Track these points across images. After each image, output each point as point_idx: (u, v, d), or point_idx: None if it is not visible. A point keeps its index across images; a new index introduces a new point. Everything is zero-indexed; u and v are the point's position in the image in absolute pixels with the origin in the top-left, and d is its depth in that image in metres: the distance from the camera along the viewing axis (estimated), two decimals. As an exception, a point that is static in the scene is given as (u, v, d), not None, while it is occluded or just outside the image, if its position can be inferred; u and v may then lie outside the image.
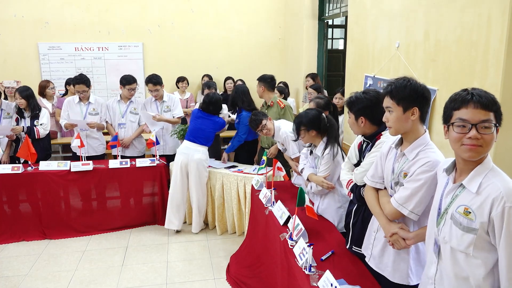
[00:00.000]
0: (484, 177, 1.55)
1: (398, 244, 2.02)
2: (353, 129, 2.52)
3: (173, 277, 3.66)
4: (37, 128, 4.66)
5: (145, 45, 7.23)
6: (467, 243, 1.57)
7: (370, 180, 2.22)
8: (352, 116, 2.44)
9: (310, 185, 3.10)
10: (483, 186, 1.54)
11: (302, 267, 2.28)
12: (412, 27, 3.27)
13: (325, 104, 3.45)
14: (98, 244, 4.30)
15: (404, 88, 1.92)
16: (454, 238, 1.62)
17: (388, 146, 2.14)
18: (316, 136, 3.03)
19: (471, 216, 1.56)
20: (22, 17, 6.72)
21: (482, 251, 1.56)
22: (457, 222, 1.60)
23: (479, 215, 1.53)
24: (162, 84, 4.89)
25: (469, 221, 1.56)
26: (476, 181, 1.56)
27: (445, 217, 1.66)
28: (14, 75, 6.56)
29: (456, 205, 1.62)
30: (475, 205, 1.55)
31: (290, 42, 7.38)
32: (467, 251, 1.58)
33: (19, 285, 3.56)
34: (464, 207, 1.58)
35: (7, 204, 4.38)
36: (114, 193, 4.60)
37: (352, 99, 2.44)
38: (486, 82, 2.48)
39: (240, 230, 4.40)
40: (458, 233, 1.60)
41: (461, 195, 1.61)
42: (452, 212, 1.63)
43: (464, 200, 1.59)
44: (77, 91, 4.66)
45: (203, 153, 4.38)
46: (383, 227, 2.10)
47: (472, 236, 1.55)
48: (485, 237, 1.54)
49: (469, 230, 1.56)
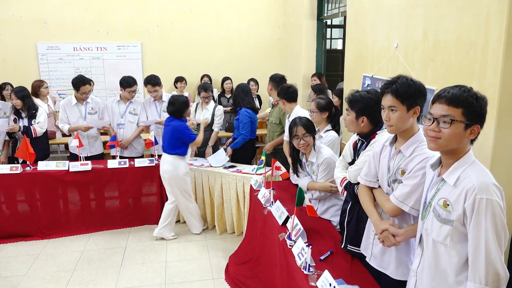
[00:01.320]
0: (463, 171, 1.61)
1: (388, 241, 2.04)
2: (350, 127, 2.49)
3: (172, 277, 3.66)
4: (33, 127, 4.65)
5: (144, 45, 7.22)
6: (445, 235, 1.64)
7: (364, 179, 2.23)
8: (353, 114, 2.42)
9: (311, 193, 3.11)
10: (461, 179, 1.60)
11: (301, 267, 2.28)
12: (411, 27, 3.28)
13: (326, 104, 3.41)
14: (97, 244, 4.29)
15: (409, 87, 1.92)
16: (434, 230, 1.68)
17: (381, 145, 2.15)
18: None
19: (449, 208, 1.62)
20: (20, 17, 6.71)
21: (458, 242, 1.61)
22: (437, 214, 1.67)
23: (456, 207, 1.59)
24: (161, 85, 4.90)
25: (447, 213, 1.63)
26: (454, 174, 1.63)
27: (429, 209, 1.72)
28: (13, 75, 6.55)
29: (437, 198, 1.68)
30: (453, 197, 1.61)
31: (289, 42, 7.38)
32: (445, 242, 1.64)
33: (18, 285, 3.55)
34: (443, 199, 1.65)
35: (5, 204, 4.38)
36: (113, 193, 4.60)
37: (356, 97, 2.41)
38: (485, 82, 2.49)
39: (239, 230, 4.40)
40: (437, 224, 1.66)
41: (442, 189, 1.68)
42: (434, 204, 1.69)
43: (444, 193, 1.66)
44: (84, 92, 4.64)
45: (170, 163, 4.20)
46: (374, 224, 2.12)
47: (449, 228, 1.62)
48: (461, 228, 1.60)
49: (446, 221, 1.63)
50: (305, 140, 3.03)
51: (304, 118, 3.16)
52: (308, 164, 3.16)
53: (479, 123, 1.60)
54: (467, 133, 1.60)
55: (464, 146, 1.64)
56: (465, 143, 1.63)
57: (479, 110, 1.58)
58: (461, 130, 1.59)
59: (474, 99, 1.58)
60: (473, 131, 1.60)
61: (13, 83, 5.62)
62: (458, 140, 1.61)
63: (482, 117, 1.60)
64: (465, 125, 1.59)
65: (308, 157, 3.13)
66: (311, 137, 3.06)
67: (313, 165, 3.10)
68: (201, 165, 4.51)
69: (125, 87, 4.74)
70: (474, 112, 1.58)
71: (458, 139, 1.61)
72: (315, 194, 3.08)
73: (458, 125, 1.59)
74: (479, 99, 1.59)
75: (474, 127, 1.59)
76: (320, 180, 3.05)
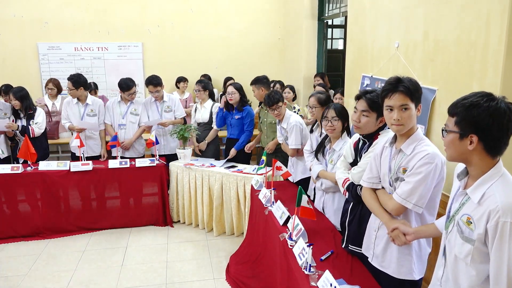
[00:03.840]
0: (489, 187, 1.51)
1: (398, 240, 2.03)
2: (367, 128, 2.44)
3: (172, 277, 3.66)
4: (32, 127, 4.67)
5: (144, 45, 7.23)
6: (466, 253, 1.56)
7: (367, 182, 2.24)
8: (374, 115, 2.39)
9: (321, 181, 3.05)
10: (486, 196, 1.50)
11: (301, 267, 2.28)
12: (411, 27, 3.28)
13: (326, 99, 3.43)
14: (98, 244, 4.30)
15: (416, 84, 1.97)
16: (457, 246, 1.61)
17: (381, 146, 2.17)
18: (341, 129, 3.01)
19: (472, 226, 1.53)
20: (21, 17, 6.71)
21: (479, 262, 1.54)
22: (460, 230, 1.59)
23: (478, 226, 1.51)
24: (162, 85, 4.91)
25: (470, 231, 1.54)
26: (480, 191, 1.53)
27: (453, 222, 1.65)
28: (14, 75, 6.56)
29: (461, 213, 1.60)
30: (476, 215, 1.52)
31: (289, 42, 7.38)
32: (466, 261, 1.57)
33: (19, 285, 3.56)
34: (467, 216, 1.56)
35: (6, 204, 4.38)
36: (114, 193, 4.60)
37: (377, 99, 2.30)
38: (485, 82, 2.49)
39: (239, 231, 4.40)
40: (460, 241, 1.59)
41: (466, 204, 1.58)
42: (458, 219, 1.61)
43: (468, 210, 1.57)
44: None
45: None
46: (386, 223, 2.12)
47: (470, 247, 1.54)
48: (482, 248, 1.52)
49: (468, 240, 1.55)
50: (332, 124, 2.95)
51: (339, 103, 3.10)
52: (330, 151, 3.07)
53: (477, 133, 1.49)
54: (465, 143, 1.52)
55: (479, 158, 1.53)
56: (477, 155, 1.52)
57: (473, 119, 1.48)
58: (456, 140, 1.54)
59: (468, 107, 1.49)
60: (472, 142, 1.50)
61: (13, 83, 5.61)
62: (457, 151, 1.56)
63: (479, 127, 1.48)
64: (459, 134, 1.53)
65: (333, 144, 3.05)
66: (340, 122, 2.96)
67: (335, 153, 3.01)
68: (201, 165, 4.51)
69: (124, 90, 4.74)
70: (466, 121, 1.50)
71: (457, 149, 1.56)
72: (324, 184, 3.03)
73: (452, 135, 1.55)
74: (477, 106, 1.48)
75: (471, 137, 1.50)
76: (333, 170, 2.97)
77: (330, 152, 3.06)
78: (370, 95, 2.41)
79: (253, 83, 4.59)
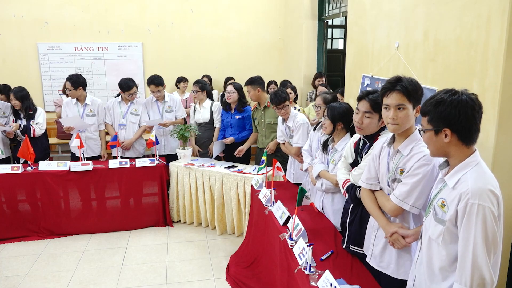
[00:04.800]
0: (463, 174, 1.62)
1: (398, 243, 2.05)
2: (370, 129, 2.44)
3: (172, 277, 3.66)
4: (33, 127, 4.67)
5: (144, 45, 7.23)
6: (438, 233, 1.67)
7: (365, 183, 2.24)
8: (376, 117, 2.39)
9: (322, 181, 3.04)
10: (460, 182, 1.62)
11: (301, 267, 2.28)
12: (412, 27, 3.28)
13: (332, 99, 3.39)
14: (98, 244, 4.30)
15: (415, 85, 1.98)
16: (430, 228, 1.72)
17: (379, 147, 2.17)
18: (342, 130, 2.97)
19: (445, 208, 1.65)
20: (21, 17, 6.71)
21: (449, 242, 1.64)
22: (434, 212, 1.71)
23: (450, 208, 1.62)
24: (164, 85, 4.91)
25: (443, 213, 1.66)
26: (455, 177, 1.64)
27: (431, 208, 1.74)
28: (14, 75, 6.57)
29: (438, 197, 1.71)
30: (449, 198, 1.63)
31: (289, 42, 7.38)
32: (437, 241, 1.68)
33: (19, 285, 3.56)
34: (442, 199, 1.67)
35: (6, 204, 4.38)
36: (114, 193, 4.60)
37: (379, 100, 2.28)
38: (486, 82, 2.49)
39: (239, 230, 4.40)
40: (433, 223, 1.70)
41: (444, 189, 1.70)
42: (434, 203, 1.72)
43: (444, 194, 1.68)
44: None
45: None
46: (383, 228, 2.12)
47: (442, 228, 1.65)
48: (452, 229, 1.62)
49: (440, 221, 1.66)
50: (324, 122, 2.96)
51: (339, 103, 3.05)
52: (332, 151, 3.04)
53: (449, 127, 1.61)
54: (441, 137, 1.64)
55: (456, 148, 1.64)
56: (454, 146, 1.64)
57: (442, 114, 1.60)
58: (432, 136, 1.66)
59: (435, 105, 1.62)
60: (446, 135, 1.62)
61: (13, 83, 5.60)
62: (436, 146, 1.67)
63: (449, 120, 1.60)
64: (434, 131, 1.65)
65: (336, 144, 3.01)
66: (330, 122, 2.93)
67: (336, 153, 2.98)
68: (202, 165, 4.51)
69: (125, 90, 4.75)
70: (436, 117, 1.62)
71: (436, 145, 1.67)
72: (324, 185, 3.01)
73: (427, 133, 1.67)
74: (441, 103, 1.60)
75: (444, 131, 1.62)
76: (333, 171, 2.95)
77: (332, 151, 3.04)
78: (372, 96, 2.40)
79: (248, 83, 4.55)
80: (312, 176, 3.17)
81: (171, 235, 4.51)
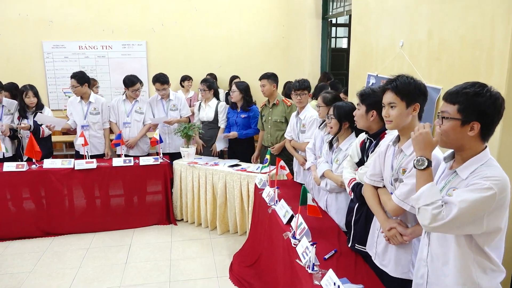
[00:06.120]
0: (478, 167, 1.61)
1: (394, 239, 2.06)
2: (360, 122, 2.53)
3: (176, 275, 3.68)
4: (42, 128, 4.69)
5: (148, 43, 7.24)
6: None
7: (369, 179, 2.25)
8: (363, 108, 2.46)
9: (326, 181, 3.04)
10: (473, 174, 1.61)
11: (305, 266, 2.28)
12: (416, 25, 3.27)
13: (332, 98, 3.34)
14: (102, 242, 4.31)
15: (408, 84, 1.99)
16: None
17: (386, 144, 2.18)
18: (347, 129, 2.96)
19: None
20: (26, 16, 6.74)
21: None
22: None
23: None
24: (169, 83, 4.93)
25: None
26: (469, 170, 1.63)
27: None
28: (18, 73, 6.59)
29: (447, 189, 1.70)
30: (460, 187, 1.63)
31: (293, 41, 7.37)
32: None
33: (23, 282, 3.58)
34: (453, 188, 1.66)
35: (11, 202, 4.40)
36: (118, 191, 4.61)
37: (368, 91, 2.47)
38: (491, 81, 2.46)
39: (242, 229, 4.40)
40: None
41: (453, 180, 1.69)
42: (443, 195, 1.68)
43: (454, 184, 1.68)
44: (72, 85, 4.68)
45: None
46: (381, 223, 2.14)
47: None
48: None
49: None
50: (330, 121, 2.94)
51: (343, 102, 3.05)
52: (336, 150, 3.03)
53: (479, 120, 1.58)
54: (466, 129, 1.60)
55: (474, 143, 1.63)
56: (473, 140, 1.62)
57: (479, 107, 1.57)
58: (457, 126, 1.61)
59: (473, 96, 1.57)
60: (473, 128, 1.59)
61: (18, 81, 5.62)
62: (456, 137, 1.63)
63: (483, 114, 1.57)
64: (461, 121, 1.59)
65: (340, 143, 2.99)
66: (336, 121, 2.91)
67: (341, 153, 2.97)
68: (205, 164, 4.51)
69: (128, 86, 4.76)
70: (470, 109, 1.58)
71: (456, 136, 1.62)
72: (329, 185, 3.01)
73: (452, 122, 1.61)
74: (480, 95, 1.57)
75: (473, 124, 1.59)
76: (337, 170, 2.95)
77: (336, 151, 3.04)
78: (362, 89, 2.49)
79: (266, 77, 4.49)
80: (316, 176, 3.16)
81: (175, 233, 4.52)
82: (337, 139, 3.05)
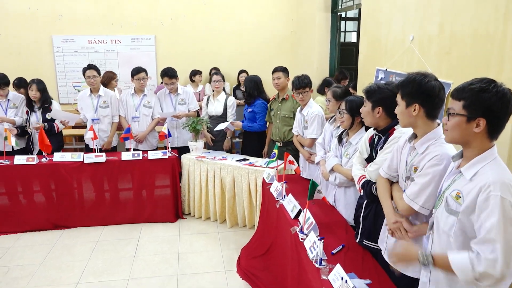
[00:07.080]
0: (482, 167, 1.59)
1: (398, 233, 2.04)
2: (367, 119, 2.50)
3: (184, 269, 3.70)
4: (56, 123, 4.74)
5: (157, 37, 7.25)
6: (450, 225, 1.64)
7: (384, 172, 2.22)
8: (369, 105, 2.43)
9: (335, 175, 3.02)
10: (478, 174, 1.59)
11: (312, 260, 2.28)
12: (427, 20, 3.23)
13: (342, 93, 3.27)
14: (111, 235, 4.35)
15: (408, 84, 1.96)
16: (442, 220, 1.69)
17: (404, 140, 2.14)
18: (359, 123, 2.91)
19: (460, 200, 1.61)
20: (36, 10, 6.78)
21: (460, 235, 1.62)
22: (446, 204, 1.68)
23: (466, 200, 1.58)
24: (177, 78, 4.93)
25: (457, 205, 1.62)
26: (473, 169, 1.61)
27: (442, 199, 1.72)
28: (28, 67, 6.64)
29: (451, 189, 1.68)
30: (466, 190, 1.60)
31: (302, 35, 7.33)
32: (449, 233, 1.65)
33: (34, 273, 3.63)
34: (457, 191, 1.64)
35: (22, 195, 4.46)
36: (127, 185, 4.64)
37: (373, 87, 2.44)
38: (502, 76, 2.44)
39: (250, 223, 4.42)
40: (445, 215, 1.68)
41: (458, 180, 1.67)
42: (447, 195, 1.69)
43: (458, 185, 1.65)
44: (88, 76, 4.71)
45: None
46: (387, 215, 2.12)
47: (454, 219, 1.62)
48: (466, 222, 1.59)
49: (453, 213, 1.63)
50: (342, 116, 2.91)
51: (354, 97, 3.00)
52: (346, 144, 3.00)
53: (485, 117, 1.55)
54: (471, 126, 1.58)
55: (480, 140, 1.60)
56: (479, 137, 1.59)
57: (484, 103, 1.54)
58: (463, 123, 1.59)
59: (478, 91, 1.54)
60: (479, 125, 1.56)
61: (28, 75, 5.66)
62: (462, 133, 1.61)
63: (489, 111, 1.54)
64: (467, 118, 1.58)
65: (350, 137, 2.97)
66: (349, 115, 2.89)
67: (351, 147, 2.94)
68: (213, 158, 4.52)
69: (133, 75, 4.82)
70: (476, 105, 1.55)
71: (462, 132, 1.61)
72: (338, 179, 2.99)
73: (458, 118, 1.60)
74: (486, 91, 1.53)
75: (478, 121, 1.56)
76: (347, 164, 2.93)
77: (346, 145, 3.01)
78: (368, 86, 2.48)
79: (281, 70, 4.48)
80: (325, 170, 3.15)
81: (183, 227, 4.54)
82: (347, 133, 3.02)
